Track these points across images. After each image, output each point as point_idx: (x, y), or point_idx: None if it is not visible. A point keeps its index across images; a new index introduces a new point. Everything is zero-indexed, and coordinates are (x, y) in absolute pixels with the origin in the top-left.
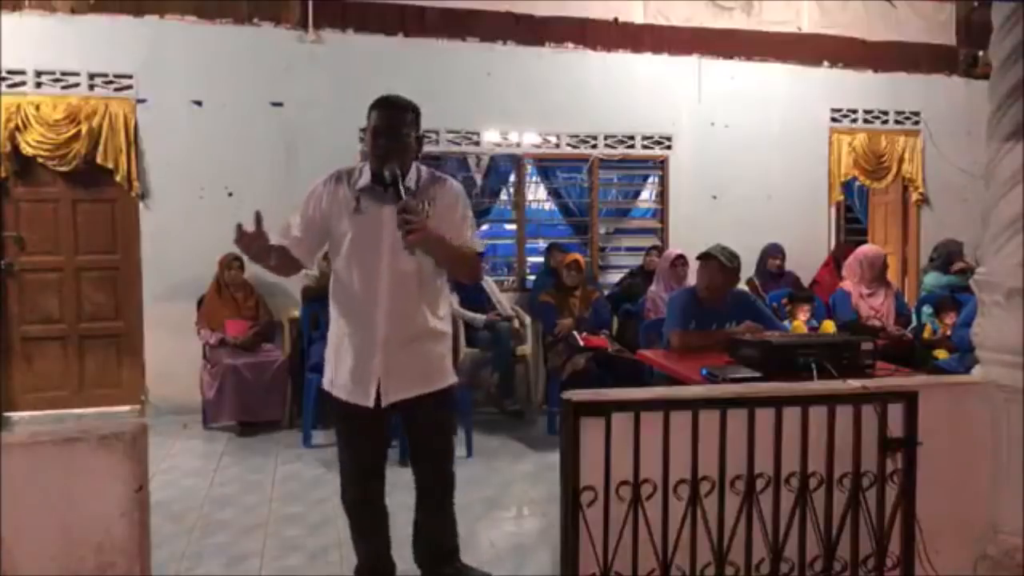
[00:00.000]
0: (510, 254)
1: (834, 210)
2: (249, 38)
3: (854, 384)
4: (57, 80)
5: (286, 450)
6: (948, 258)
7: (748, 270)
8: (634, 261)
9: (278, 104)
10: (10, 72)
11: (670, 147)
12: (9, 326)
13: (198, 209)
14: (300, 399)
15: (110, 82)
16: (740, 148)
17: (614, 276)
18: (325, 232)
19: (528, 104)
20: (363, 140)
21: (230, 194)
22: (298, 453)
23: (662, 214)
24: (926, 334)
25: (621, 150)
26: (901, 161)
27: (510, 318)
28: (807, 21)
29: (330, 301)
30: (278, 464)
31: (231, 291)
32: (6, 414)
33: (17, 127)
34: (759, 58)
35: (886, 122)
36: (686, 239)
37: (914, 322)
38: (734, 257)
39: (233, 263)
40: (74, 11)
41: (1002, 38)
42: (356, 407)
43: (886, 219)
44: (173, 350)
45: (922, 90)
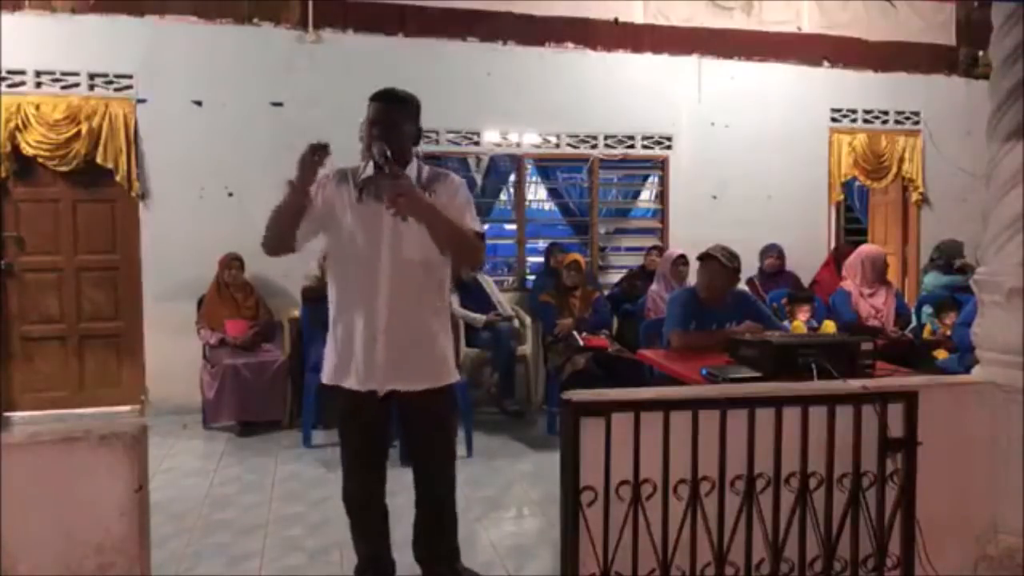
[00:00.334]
0: (510, 254)
1: (834, 210)
2: (249, 38)
3: (854, 384)
4: (57, 80)
5: (286, 450)
6: (949, 258)
7: (748, 270)
8: (634, 261)
9: (278, 104)
10: (10, 72)
11: (670, 147)
12: (9, 326)
13: (198, 209)
14: (300, 399)
15: (110, 82)
16: (740, 148)
17: (614, 276)
18: (322, 222)
19: (528, 104)
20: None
21: (230, 194)
22: (298, 453)
23: (662, 214)
24: (926, 334)
25: (621, 150)
26: (901, 161)
27: (510, 318)
28: (807, 21)
29: (330, 294)
30: (278, 464)
31: (231, 291)
32: (6, 414)
33: (17, 127)
34: (759, 58)
35: (886, 122)
36: (686, 239)
37: (914, 322)
38: (734, 257)
39: (233, 263)
40: (74, 11)
41: (1002, 38)
42: (358, 396)
43: (886, 219)
44: (173, 350)
45: (922, 90)
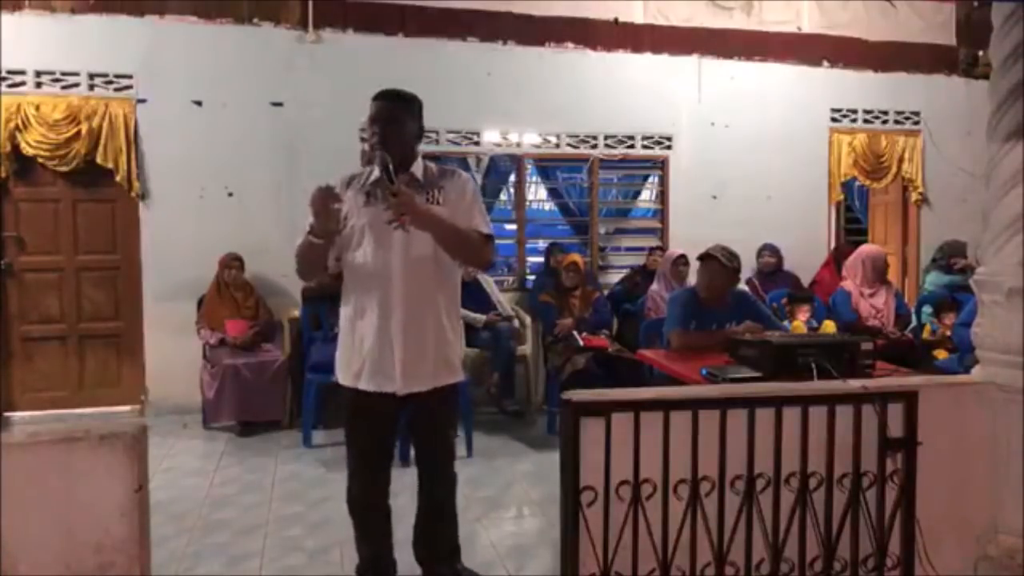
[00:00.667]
0: (510, 254)
1: (834, 210)
2: (249, 38)
3: (854, 384)
4: (57, 80)
5: (286, 450)
6: (951, 258)
7: (748, 270)
8: (634, 261)
9: (278, 104)
10: (10, 72)
11: (670, 147)
12: (9, 326)
13: (198, 209)
14: (300, 399)
15: (110, 82)
16: (740, 148)
17: (614, 276)
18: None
19: (528, 104)
20: (364, 140)
21: (230, 194)
22: (298, 453)
23: (662, 214)
24: (926, 334)
25: (621, 150)
26: (901, 161)
27: (510, 318)
28: (807, 21)
29: (343, 295)
30: (278, 464)
31: (231, 291)
32: (6, 414)
33: (17, 127)
34: (759, 58)
35: (886, 122)
36: (686, 239)
37: (914, 322)
38: (734, 257)
39: (233, 263)
40: (74, 11)
41: (1002, 38)
42: (372, 397)
43: (886, 219)
44: (173, 350)
45: (922, 90)
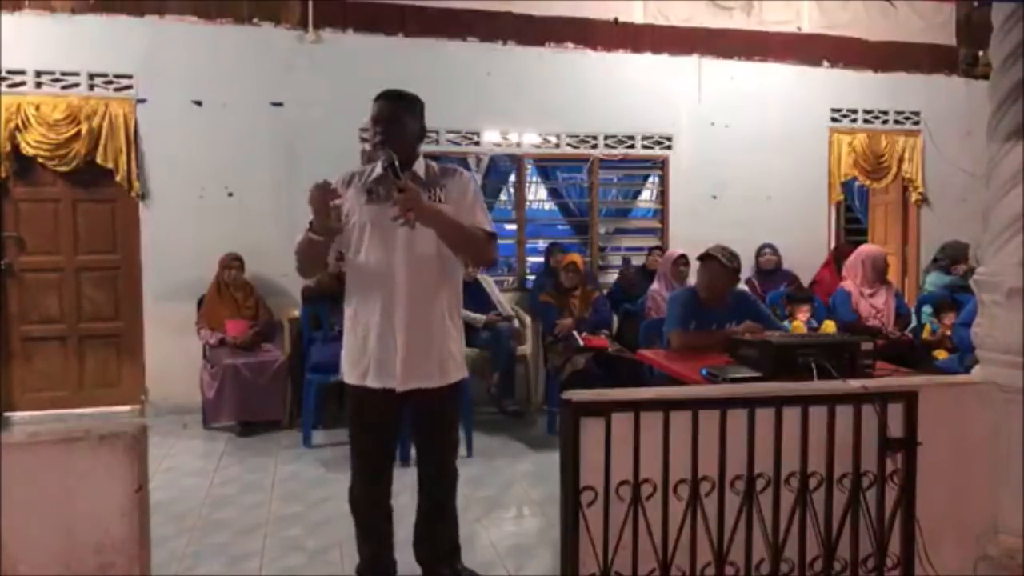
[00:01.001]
0: (510, 254)
1: (834, 210)
2: (249, 38)
3: (854, 384)
4: (57, 80)
5: (286, 450)
6: (953, 260)
7: (747, 270)
8: (635, 261)
9: (278, 104)
10: (10, 72)
11: (670, 147)
12: (9, 326)
13: (198, 209)
14: (300, 399)
15: (110, 82)
16: (740, 148)
17: (614, 276)
18: (344, 235)
19: (528, 104)
20: (364, 140)
21: (230, 194)
22: (298, 453)
23: (662, 214)
24: (926, 334)
25: (621, 150)
26: (901, 161)
27: (510, 318)
28: (807, 21)
29: (346, 293)
30: (278, 464)
31: (231, 291)
32: (6, 414)
33: (17, 127)
34: (759, 58)
35: (886, 122)
36: (686, 239)
37: (914, 322)
38: (734, 257)
39: (233, 263)
40: (74, 11)
41: (1002, 38)
42: (373, 394)
43: (886, 219)
44: (173, 350)
45: (922, 90)
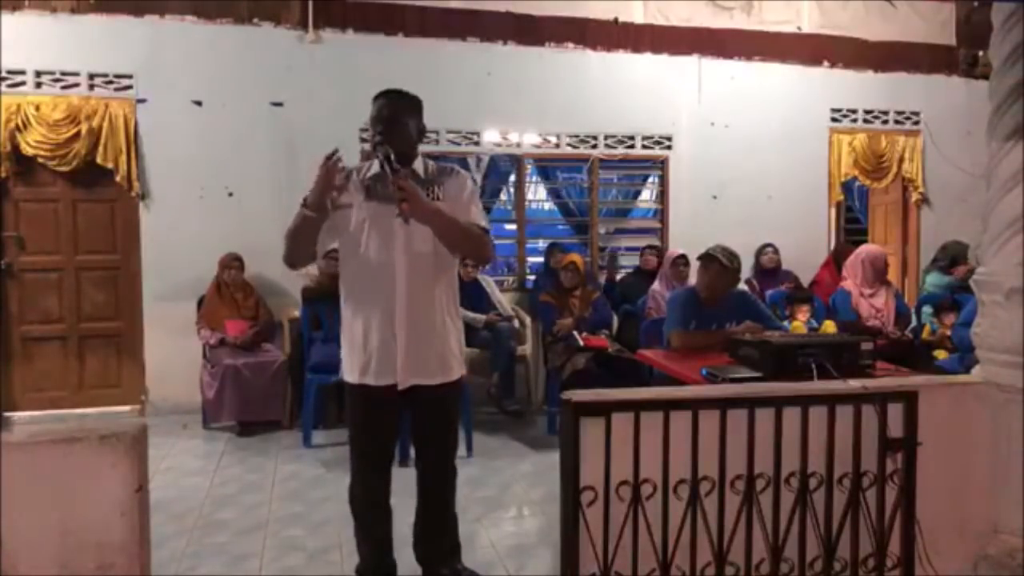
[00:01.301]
0: (510, 254)
1: (834, 210)
2: (249, 38)
3: (854, 384)
4: (57, 80)
5: (286, 450)
6: (953, 260)
7: (748, 270)
8: (634, 261)
9: (278, 104)
10: (10, 72)
11: (670, 147)
12: (9, 326)
13: (198, 209)
14: (300, 399)
15: (110, 82)
16: (740, 148)
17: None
18: (338, 227)
19: (528, 104)
20: (364, 140)
21: (230, 194)
22: (298, 453)
23: (662, 214)
24: (926, 334)
25: (621, 150)
26: (901, 161)
27: (510, 318)
28: (807, 21)
29: (343, 293)
30: (278, 464)
31: (231, 291)
32: (6, 414)
33: (17, 127)
34: (759, 58)
35: (886, 122)
36: (686, 239)
37: (914, 322)
38: (734, 257)
39: (233, 263)
40: (74, 11)
41: (1002, 38)
42: (374, 392)
43: (886, 219)
44: (173, 350)
45: (922, 90)
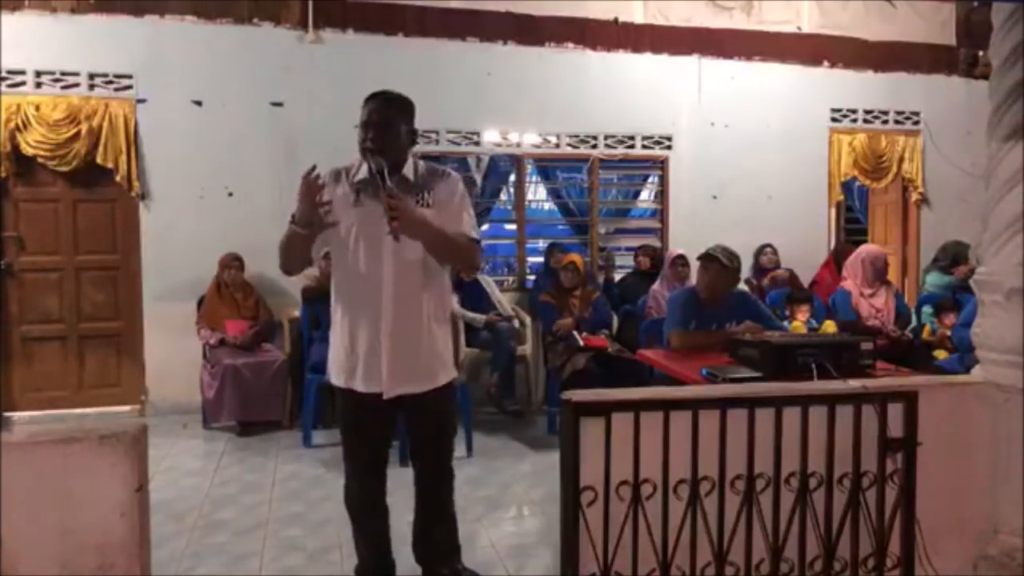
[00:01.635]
0: (510, 254)
1: (834, 210)
2: (249, 38)
3: (854, 384)
4: (57, 80)
5: (286, 450)
6: (954, 260)
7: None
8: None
9: (278, 104)
10: (10, 72)
11: (670, 147)
12: (9, 326)
13: (198, 209)
14: (300, 399)
15: (110, 82)
16: (740, 148)
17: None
18: (329, 232)
19: (528, 104)
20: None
21: (230, 194)
22: (298, 453)
23: (662, 214)
24: (926, 334)
25: (621, 150)
26: (901, 161)
27: (510, 318)
28: (807, 21)
29: (333, 296)
30: (278, 464)
31: (231, 291)
32: (6, 414)
33: (17, 127)
34: (759, 58)
35: (886, 122)
36: (686, 239)
37: (914, 322)
38: (734, 257)
39: (233, 263)
40: (74, 11)
41: (1002, 38)
42: (361, 398)
43: (886, 219)
44: (173, 350)
45: (922, 90)
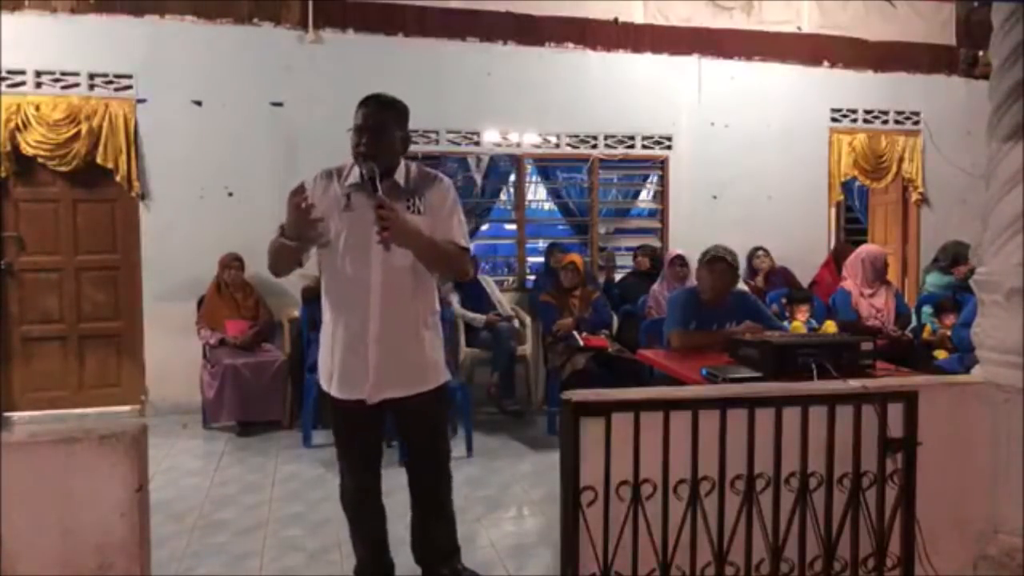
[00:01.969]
0: (510, 254)
1: (834, 210)
2: (249, 38)
3: (854, 384)
4: (57, 80)
5: (286, 450)
6: (954, 260)
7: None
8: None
9: (278, 104)
10: (10, 72)
11: (670, 147)
12: (9, 326)
13: (198, 209)
14: (300, 399)
15: (110, 82)
16: (740, 148)
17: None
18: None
19: (528, 104)
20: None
21: (230, 194)
22: (298, 453)
23: (662, 214)
24: (926, 334)
25: (621, 150)
26: (901, 161)
27: (510, 318)
28: (807, 21)
29: (323, 299)
30: (278, 464)
31: (231, 291)
32: (6, 414)
33: (17, 127)
34: (759, 58)
35: (886, 122)
36: (686, 239)
37: (914, 322)
38: (735, 256)
39: (233, 263)
40: (74, 11)
41: (1002, 38)
42: (350, 403)
43: (886, 219)
44: (173, 350)
45: (922, 90)
